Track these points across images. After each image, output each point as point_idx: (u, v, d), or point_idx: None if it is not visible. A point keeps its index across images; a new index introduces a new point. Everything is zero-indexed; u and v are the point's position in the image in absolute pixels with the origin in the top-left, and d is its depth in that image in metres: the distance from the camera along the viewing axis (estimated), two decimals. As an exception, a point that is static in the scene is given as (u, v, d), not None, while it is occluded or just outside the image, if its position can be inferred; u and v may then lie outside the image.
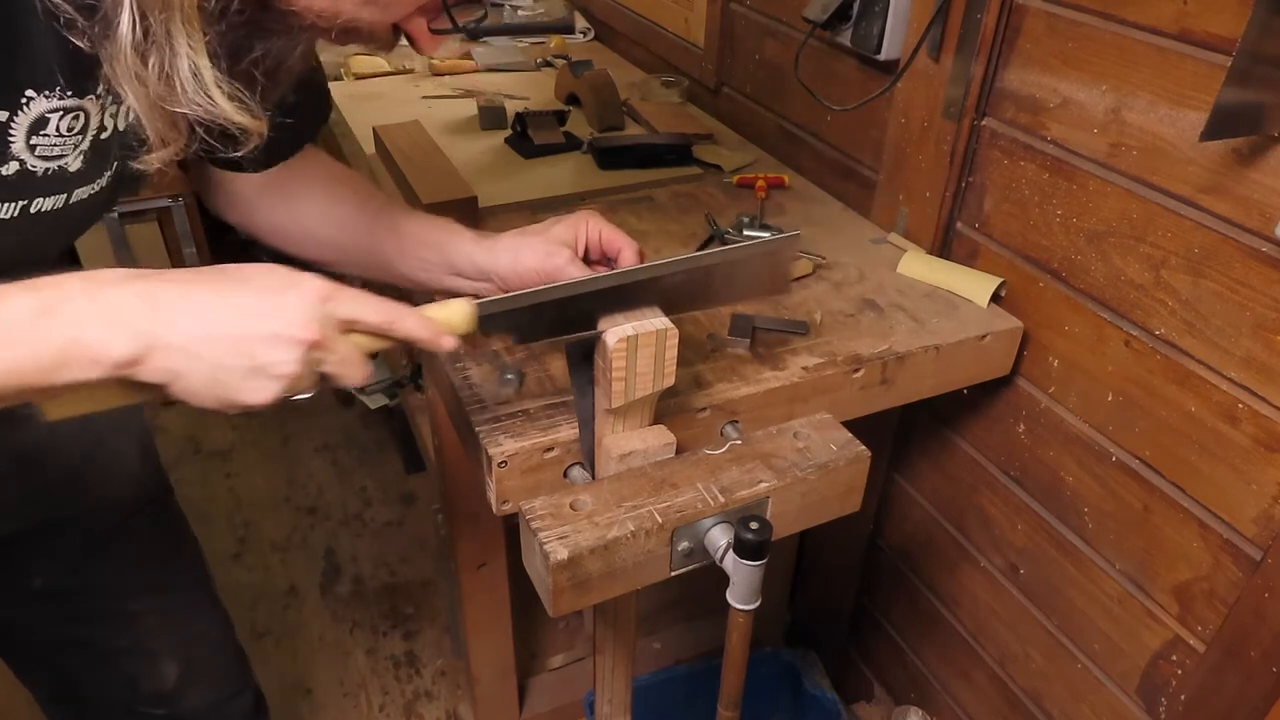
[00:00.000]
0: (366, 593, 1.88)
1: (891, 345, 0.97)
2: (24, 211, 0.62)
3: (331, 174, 0.91)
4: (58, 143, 0.60)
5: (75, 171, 0.63)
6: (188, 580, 1.10)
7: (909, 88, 1.13)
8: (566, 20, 2.10)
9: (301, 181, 0.89)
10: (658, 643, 1.58)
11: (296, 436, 2.30)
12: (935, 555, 1.33)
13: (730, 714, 0.85)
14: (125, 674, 1.04)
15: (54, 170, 0.61)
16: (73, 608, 0.97)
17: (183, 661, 1.07)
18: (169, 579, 1.05)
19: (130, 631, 1.02)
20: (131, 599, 1.01)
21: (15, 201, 0.61)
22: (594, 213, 0.83)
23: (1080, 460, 1.05)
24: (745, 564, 0.70)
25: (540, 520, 0.71)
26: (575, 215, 0.83)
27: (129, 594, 1.01)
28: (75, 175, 0.63)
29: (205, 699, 1.10)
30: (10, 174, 0.59)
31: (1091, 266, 0.98)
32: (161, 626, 1.04)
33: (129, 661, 1.04)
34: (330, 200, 0.89)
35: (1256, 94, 0.73)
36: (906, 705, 1.27)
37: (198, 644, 1.10)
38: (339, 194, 0.89)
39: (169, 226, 2.52)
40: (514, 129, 1.49)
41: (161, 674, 1.05)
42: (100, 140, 0.63)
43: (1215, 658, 0.92)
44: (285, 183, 0.88)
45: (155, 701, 1.06)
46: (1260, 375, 0.84)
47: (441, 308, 0.69)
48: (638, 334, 0.71)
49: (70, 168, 0.62)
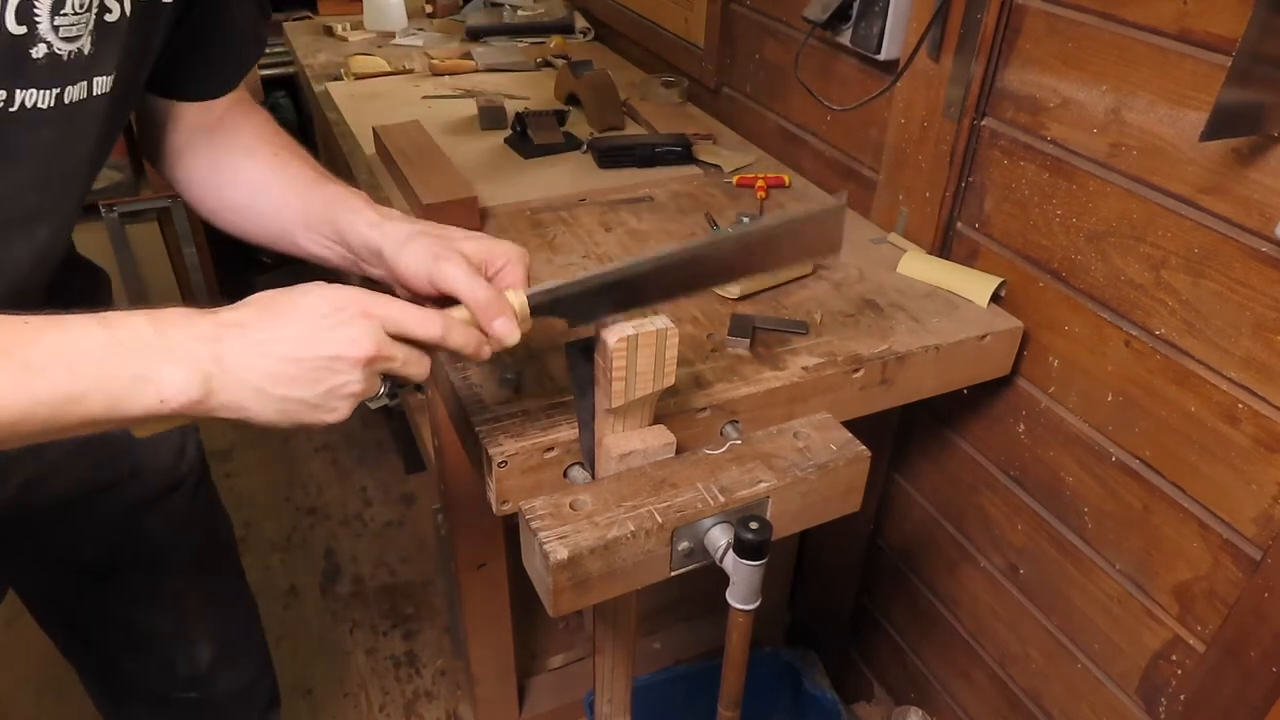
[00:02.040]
0: (366, 593, 1.88)
1: (891, 345, 0.97)
2: (58, 101, 0.62)
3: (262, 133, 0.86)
4: (75, 21, 0.61)
5: (90, 55, 0.63)
6: (224, 562, 1.11)
7: (909, 88, 1.13)
8: (566, 20, 2.10)
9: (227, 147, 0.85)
10: (658, 643, 1.58)
11: (296, 436, 2.30)
12: (935, 555, 1.33)
13: (730, 714, 0.85)
14: (163, 656, 1.06)
15: (75, 53, 0.62)
16: (116, 585, 0.99)
17: (218, 644, 1.08)
18: (206, 558, 1.06)
19: (170, 613, 1.04)
20: (171, 576, 1.02)
21: (49, 89, 0.62)
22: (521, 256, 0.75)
23: (1080, 460, 1.05)
24: (745, 564, 0.70)
25: (540, 520, 0.71)
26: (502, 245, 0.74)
27: (169, 570, 1.02)
28: (90, 60, 0.63)
29: (236, 683, 1.12)
30: (41, 58, 0.60)
31: (1091, 266, 0.98)
32: (199, 608, 1.06)
33: (166, 645, 1.05)
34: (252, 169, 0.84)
35: (1256, 94, 0.73)
36: (906, 705, 1.27)
37: (232, 627, 1.11)
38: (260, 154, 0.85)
39: (169, 226, 2.53)
40: (514, 129, 1.49)
41: (198, 657, 1.07)
42: (105, 22, 0.63)
43: (1215, 658, 0.92)
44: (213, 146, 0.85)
45: (189, 684, 1.08)
46: (1260, 375, 0.84)
47: None
48: (638, 334, 0.71)
49: (85, 50, 0.62)
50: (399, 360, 0.63)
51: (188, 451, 1.01)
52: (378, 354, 0.61)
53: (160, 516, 0.98)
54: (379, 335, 0.61)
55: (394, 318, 0.63)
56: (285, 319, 0.60)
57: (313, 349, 0.59)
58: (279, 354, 0.59)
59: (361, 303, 0.62)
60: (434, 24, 2.18)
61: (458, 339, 0.66)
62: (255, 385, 0.59)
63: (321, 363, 0.60)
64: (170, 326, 0.57)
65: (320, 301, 0.61)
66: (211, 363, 0.57)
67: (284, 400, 0.59)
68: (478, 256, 0.72)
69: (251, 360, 0.58)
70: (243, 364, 0.58)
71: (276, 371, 0.59)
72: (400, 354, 0.63)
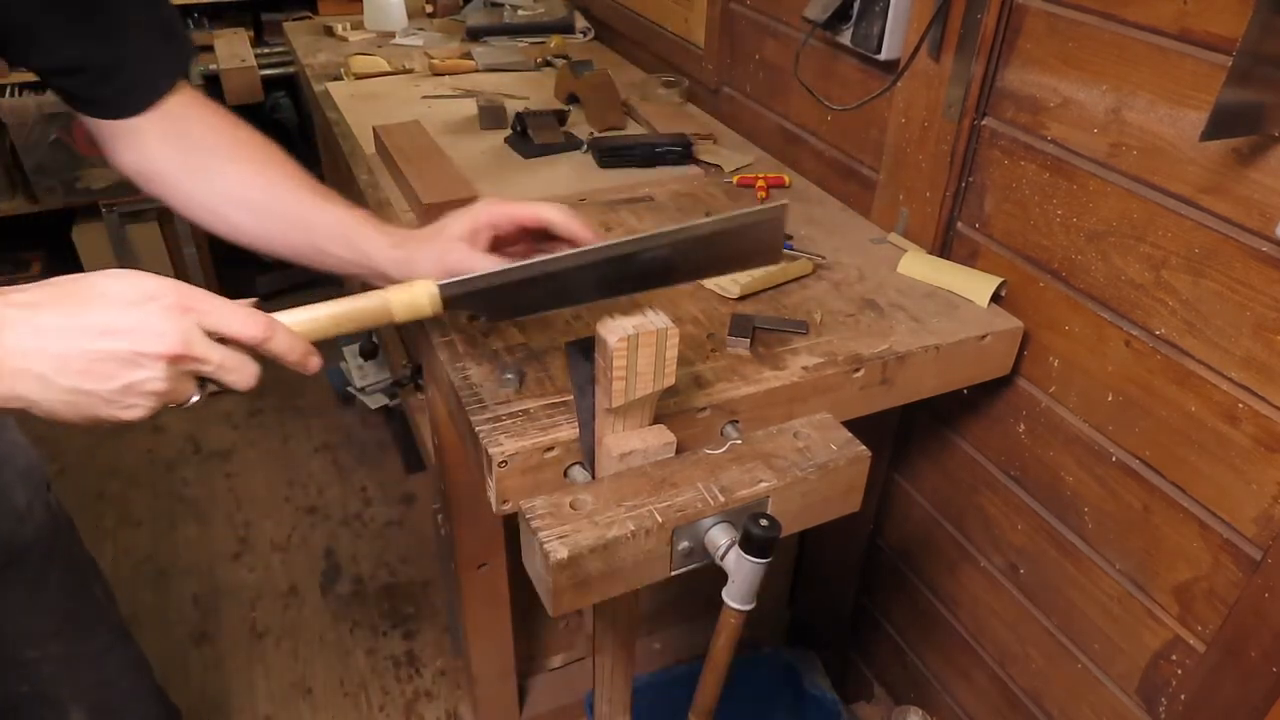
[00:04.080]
0: (366, 593, 1.88)
1: (891, 345, 0.97)
2: None
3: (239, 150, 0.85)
4: None
5: None
6: (91, 622, 1.03)
7: (909, 88, 1.13)
8: (566, 20, 2.10)
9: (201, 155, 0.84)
10: (658, 643, 1.58)
11: (296, 436, 2.30)
12: (935, 555, 1.33)
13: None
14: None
15: None
16: None
17: (91, 707, 1.02)
18: (70, 623, 0.99)
19: (27, 680, 0.97)
20: (26, 646, 0.95)
21: None
22: (491, 200, 0.80)
23: (1080, 460, 1.05)
24: (750, 560, 0.70)
25: (540, 520, 0.71)
26: (472, 208, 0.79)
27: (22, 641, 0.95)
28: None
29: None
30: None
31: (1092, 266, 0.98)
32: (63, 673, 0.99)
33: (31, 710, 0.98)
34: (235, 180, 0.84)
35: (1257, 94, 0.73)
36: (906, 705, 1.26)
37: (108, 689, 1.04)
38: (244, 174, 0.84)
39: (169, 226, 2.53)
40: (514, 129, 1.49)
41: None
42: None
43: (1215, 658, 0.92)
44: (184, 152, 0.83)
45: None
46: (1260, 375, 0.84)
47: (405, 289, 0.69)
48: (638, 333, 0.71)
49: None
50: (214, 363, 0.58)
51: (33, 516, 0.94)
52: (186, 352, 0.57)
53: (4, 588, 0.92)
54: (191, 333, 0.57)
55: (213, 315, 0.59)
56: (85, 303, 0.56)
57: (110, 339, 0.55)
58: (70, 341, 0.54)
59: (179, 295, 0.58)
60: (434, 24, 2.18)
61: (282, 344, 0.62)
62: (39, 373, 0.53)
63: (120, 355, 0.55)
64: None
65: (129, 288, 0.57)
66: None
67: (72, 392, 0.55)
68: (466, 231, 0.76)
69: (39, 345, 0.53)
70: (26, 350, 0.53)
71: (65, 361, 0.54)
72: (216, 357, 0.58)
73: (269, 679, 1.71)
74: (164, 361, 0.56)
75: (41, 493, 0.96)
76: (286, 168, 0.86)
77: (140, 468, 2.20)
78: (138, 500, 2.11)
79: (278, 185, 0.84)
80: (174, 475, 2.19)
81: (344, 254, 0.83)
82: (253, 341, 0.60)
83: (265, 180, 0.84)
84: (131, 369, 0.55)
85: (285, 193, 0.84)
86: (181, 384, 0.58)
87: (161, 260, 2.56)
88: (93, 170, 2.35)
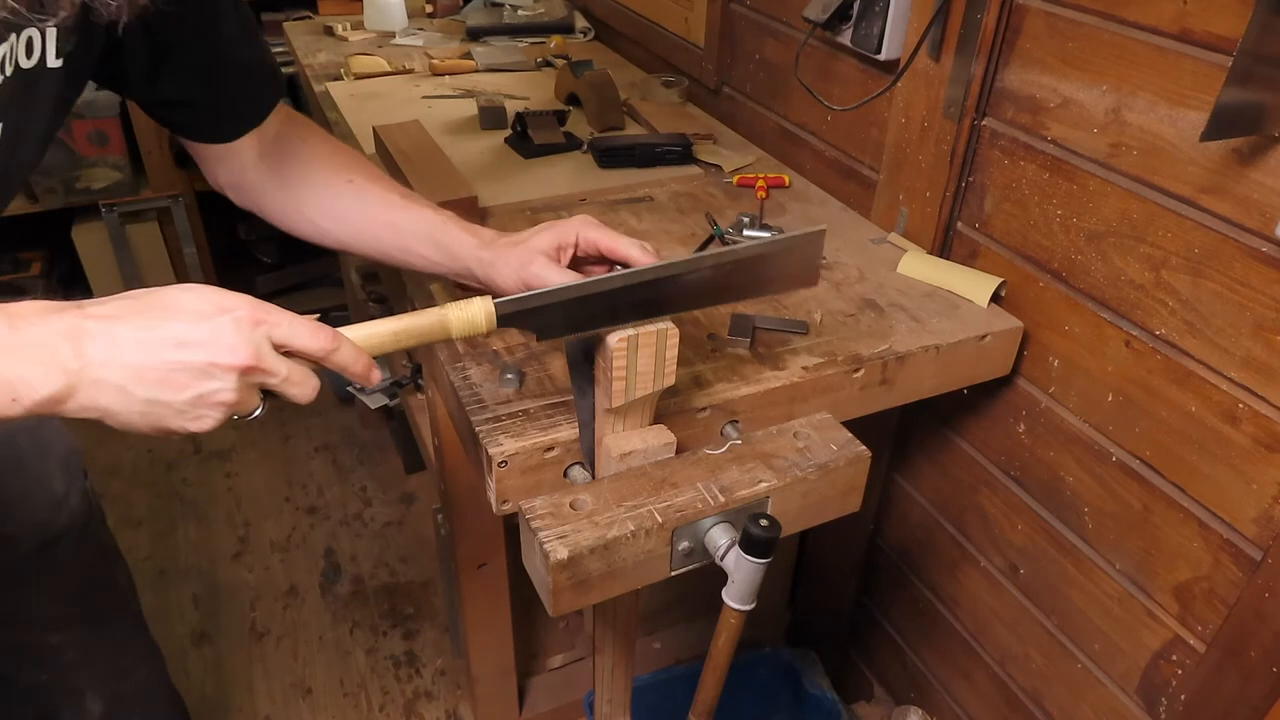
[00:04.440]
0: (366, 593, 1.88)
1: (891, 345, 0.97)
2: None
3: (330, 163, 0.90)
4: None
5: None
6: (114, 612, 1.05)
7: (909, 88, 1.13)
8: (566, 20, 2.10)
9: (296, 169, 0.88)
10: (658, 643, 1.58)
11: (296, 436, 2.30)
12: (935, 555, 1.33)
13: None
14: (46, 709, 1.00)
15: None
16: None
17: (110, 696, 1.02)
18: (93, 610, 1.01)
19: (49, 666, 0.98)
20: (52, 631, 0.97)
21: None
22: (589, 221, 0.81)
23: (1080, 460, 1.05)
24: (750, 560, 0.70)
25: (540, 520, 0.71)
26: (566, 223, 0.81)
27: (49, 626, 0.96)
28: None
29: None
30: None
31: (1091, 266, 0.98)
32: (84, 661, 1.00)
33: (49, 697, 0.99)
34: (326, 191, 0.89)
35: (1257, 94, 0.73)
36: (906, 705, 1.26)
37: (125, 679, 1.05)
38: (335, 185, 0.89)
39: (169, 226, 2.52)
40: (514, 129, 1.49)
41: (87, 709, 1.01)
42: None
43: (1215, 658, 0.92)
44: (279, 168, 0.88)
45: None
46: (1260, 375, 0.84)
47: (463, 306, 0.70)
48: (638, 334, 0.71)
49: None
50: (281, 376, 0.60)
51: (69, 502, 0.95)
52: (257, 364, 0.58)
53: (39, 573, 0.93)
54: (262, 346, 0.58)
55: (283, 327, 0.60)
56: (160, 316, 0.56)
57: (186, 351, 0.56)
58: (147, 352, 0.55)
59: (251, 308, 0.59)
60: (434, 24, 2.18)
61: (346, 356, 0.63)
62: (118, 383, 0.54)
63: (195, 366, 0.56)
64: (26, 322, 0.53)
65: (203, 301, 0.58)
66: (73, 358, 0.53)
67: (148, 403, 0.55)
68: (551, 246, 0.79)
69: (117, 356, 0.54)
70: (107, 360, 0.54)
71: (143, 371, 0.55)
72: (284, 370, 0.60)
73: (269, 679, 1.71)
74: (236, 373, 0.57)
75: (79, 480, 0.97)
76: (373, 174, 0.91)
77: (140, 468, 2.20)
78: (138, 500, 2.11)
79: (366, 193, 0.88)
80: (174, 475, 2.19)
81: (431, 254, 0.86)
82: (321, 353, 0.62)
83: (354, 189, 0.88)
84: (205, 380, 0.56)
85: (374, 199, 0.88)
86: (249, 396, 0.59)
87: (161, 260, 2.56)
88: (93, 170, 2.35)
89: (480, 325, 0.70)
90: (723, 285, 0.77)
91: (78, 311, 0.55)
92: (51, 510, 0.93)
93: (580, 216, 0.82)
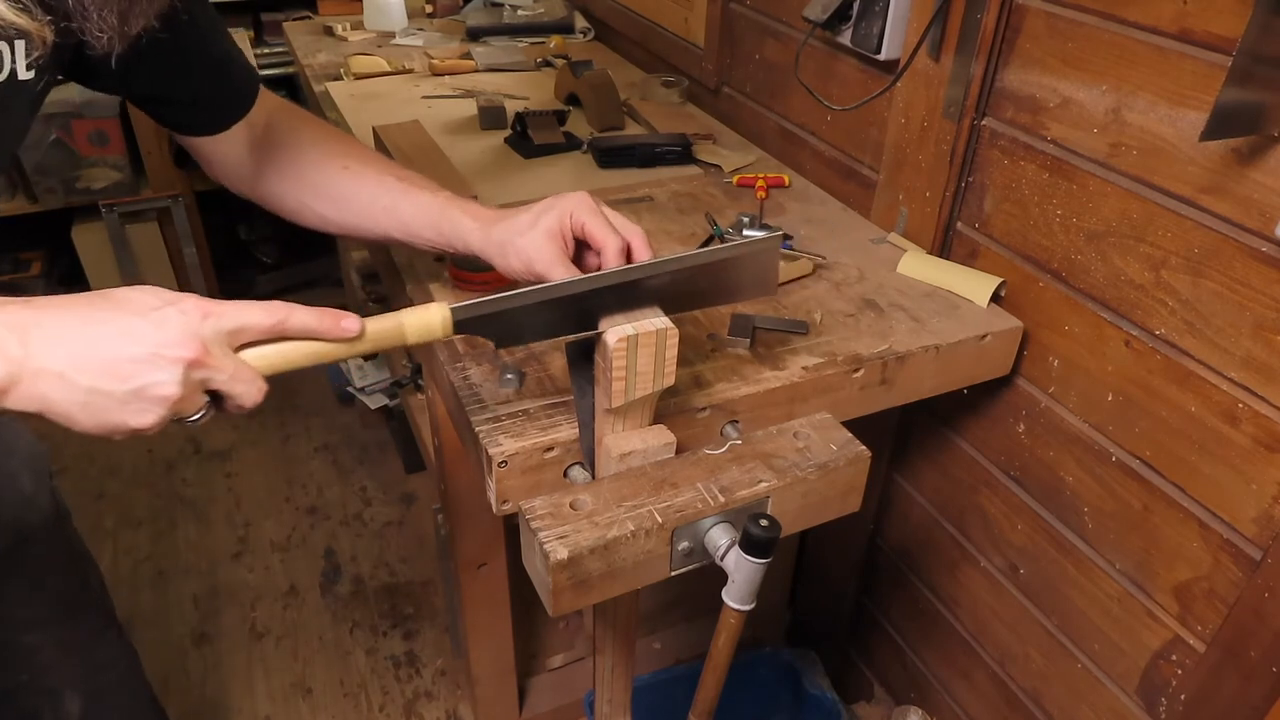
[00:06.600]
0: (366, 593, 1.88)
1: (891, 345, 0.97)
2: None
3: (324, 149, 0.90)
4: None
5: None
6: (88, 610, 1.05)
7: (909, 88, 1.13)
8: (566, 20, 2.10)
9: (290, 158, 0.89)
10: (658, 643, 1.58)
11: (296, 436, 2.30)
12: (935, 555, 1.33)
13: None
14: (25, 709, 1.00)
15: None
16: None
17: (88, 693, 1.02)
18: (67, 609, 1.01)
19: (26, 666, 0.98)
20: (26, 631, 0.96)
21: None
22: (581, 203, 0.80)
23: (1080, 460, 1.05)
24: (750, 560, 0.70)
25: (540, 520, 0.71)
26: (563, 204, 0.80)
27: (23, 627, 0.96)
28: None
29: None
30: None
31: (1091, 266, 0.98)
32: (61, 660, 1.00)
33: (27, 698, 0.99)
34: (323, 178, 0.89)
35: (1256, 94, 0.73)
36: (906, 705, 1.26)
37: (103, 674, 1.05)
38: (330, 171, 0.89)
39: (169, 226, 2.53)
40: (514, 129, 1.49)
41: (65, 708, 1.01)
42: None
43: (1215, 658, 0.92)
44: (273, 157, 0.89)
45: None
46: (1260, 375, 0.84)
47: (419, 311, 0.69)
48: (638, 333, 0.71)
49: None
50: (227, 372, 0.59)
51: (38, 502, 0.95)
52: (201, 357, 0.57)
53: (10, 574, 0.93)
54: (209, 340, 0.58)
55: (230, 314, 0.60)
56: (108, 311, 0.56)
57: (130, 341, 0.55)
58: (90, 340, 0.55)
59: (196, 301, 0.59)
60: (434, 24, 2.18)
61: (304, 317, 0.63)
62: (58, 371, 0.54)
63: (138, 356, 0.55)
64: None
65: (152, 296, 0.58)
66: (16, 346, 0.53)
67: (89, 393, 0.55)
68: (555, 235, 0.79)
69: (60, 345, 0.54)
70: (49, 348, 0.54)
71: (85, 358, 0.54)
72: (230, 366, 0.59)
73: (269, 679, 1.71)
74: (181, 365, 0.57)
75: (45, 480, 0.98)
76: (369, 158, 0.91)
77: (140, 468, 2.20)
78: (138, 500, 2.11)
79: (363, 177, 0.88)
80: (174, 475, 2.19)
81: (432, 238, 0.87)
82: (276, 323, 0.62)
83: (351, 175, 0.89)
84: (149, 370, 0.56)
85: (371, 184, 0.88)
86: (193, 393, 0.59)
87: (161, 260, 2.56)
88: (93, 170, 2.35)
89: (436, 330, 0.70)
90: (685, 290, 0.77)
91: (24, 305, 0.55)
92: (21, 509, 0.93)
93: (577, 195, 0.81)
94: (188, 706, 1.65)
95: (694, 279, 0.77)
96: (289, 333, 0.63)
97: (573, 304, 0.72)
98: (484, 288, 0.99)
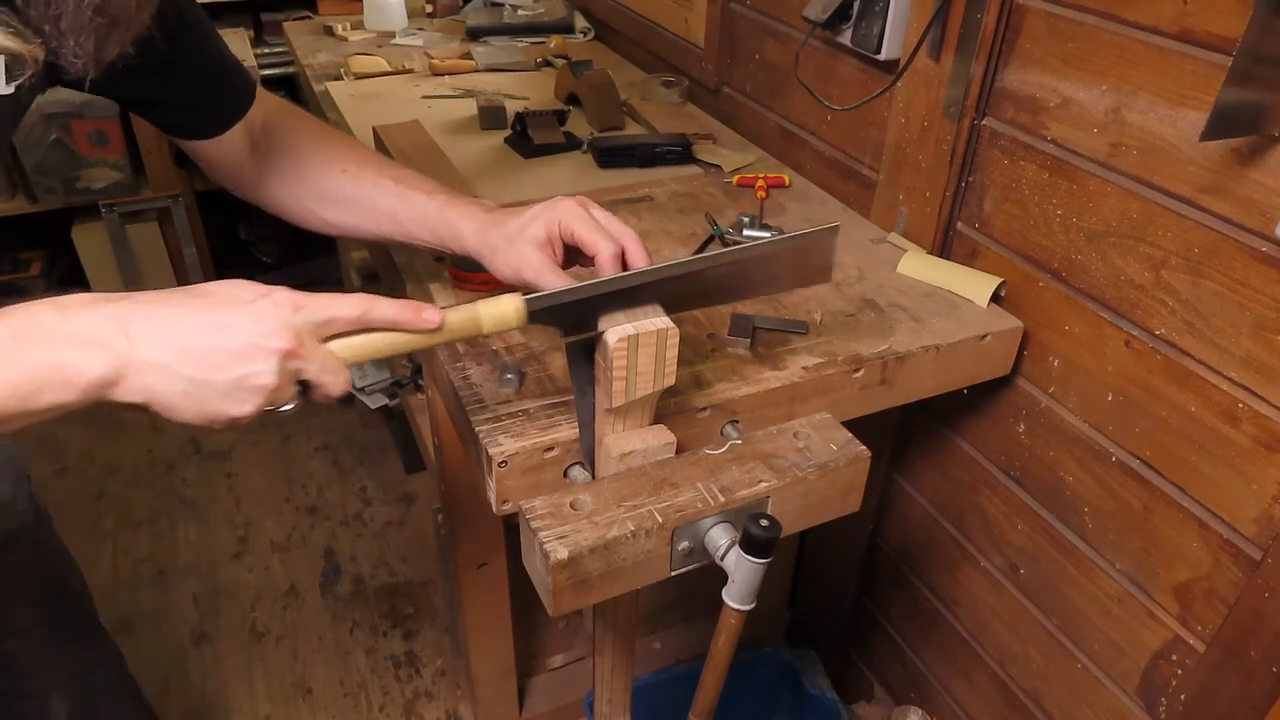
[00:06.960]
0: (366, 593, 1.88)
1: (891, 345, 0.97)
2: None
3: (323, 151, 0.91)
4: None
5: None
6: (71, 614, 1.05)
7: (909, 88, 1.13)
8: (566, 20, 2.10)
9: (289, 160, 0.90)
10: (658, 643, 1.58)
11: (296, 436, 2.30)
12: (935, 555, 1.33)
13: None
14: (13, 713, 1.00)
15: None
16: None
17: (75, 696, 1.02)
18: (50, 614, 1.01)
19: (10, 673, 0.98)
20: (8, 637, 0.96)
21: None
22: (572, 209, 0.80)
23: (1080, 460, 1.05)
24: (750, 560, 0.70)
25: (540, 520, 0.71)
26: (553, 209, 0.80)
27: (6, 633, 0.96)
28: None
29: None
30: None
31: (1091, 266, 0.98)
32: (42, 665, 1.00)
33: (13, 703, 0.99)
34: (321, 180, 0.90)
35: (1257, 94, 0.73)
36: (906, 705, 1.26)
37: (89, 676, 1.06)
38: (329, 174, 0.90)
39: (169, 226, 2.53)
40: (514, 129, 1.49)
41: (53, 711, 1.01)
42: None
43: (1215, 658, 0.92)
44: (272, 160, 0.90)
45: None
46: (1260, 375, 0.84)
47: (494, 303, 0.70)
48: (638, 333, 0.71)
49: None
50: (317, 363, 0.61)
51: (16, 506, 0.96)
52: (295, 349, 0.59)
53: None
54: (301, 331, 0.60)
55: (320, 305, 0.62)
56: (203, 304, 0.59)
57: (226, 333, 0.58)
58: (191, 331, 0.57)
59: (288, 294, 0.61)
60: (434, 24, 2.18)
61: (388, 308, 0.65)
62: (162, 363, 0.56)
63: (235, 348, 0.58)
64: (76, 310, 0.56)
65: (243, 290, 0.60)
66: (121, 338, 0.55)
67: (191, 383, 0.57)
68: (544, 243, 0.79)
69: (162, 335, 0.56)
70: (152, 340, 0.56)
71: (187, 350, 0.57)
72: (320, 357, 0.61)
73: (269, 679, 1.71)
74: (277, 355, 0.59)
75: (23, 484, 0.98)
76: (367, 160, 0.91)
77: (140, 468, 2.20)
78: (138, 500, 2.11)
79: (361, 181, 0.89)
80: (174, 475, 2.19)
81: (430, 240, 0.88)
82: (361, 314, 0.64)
83: (349, 178, 0.89)
84: (246, 362, 0.58)
85: (369, 186, 0.89)
86: (287, 383, 0.61)
87: (161, 260, 2.56)
88: (93, 170, 2.35)
89: (511, 320, 0.71)
90: (741, 281, 0.79)
91: (123, 299, 0.57)
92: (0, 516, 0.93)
93: (568, 201, 0.80)
94: (188, 706, 1.65)
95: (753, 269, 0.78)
96: (373, 324, 0.65)
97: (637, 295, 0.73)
98: (483, 288, 0.99)
